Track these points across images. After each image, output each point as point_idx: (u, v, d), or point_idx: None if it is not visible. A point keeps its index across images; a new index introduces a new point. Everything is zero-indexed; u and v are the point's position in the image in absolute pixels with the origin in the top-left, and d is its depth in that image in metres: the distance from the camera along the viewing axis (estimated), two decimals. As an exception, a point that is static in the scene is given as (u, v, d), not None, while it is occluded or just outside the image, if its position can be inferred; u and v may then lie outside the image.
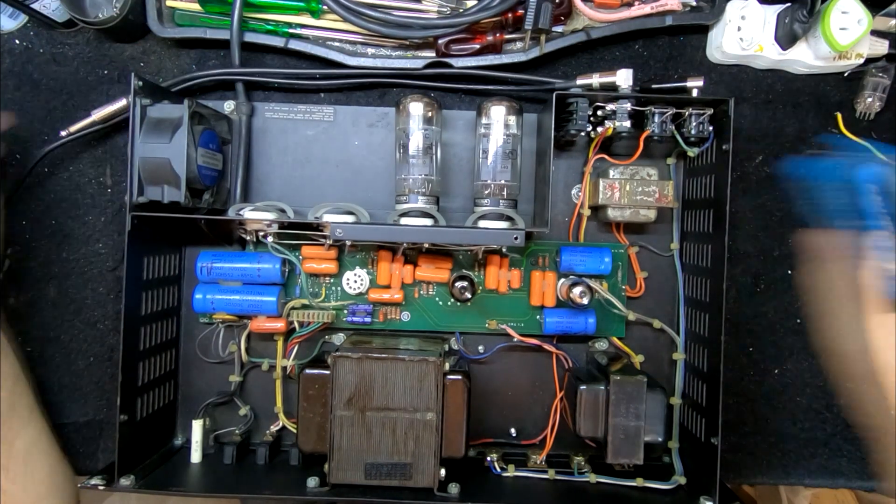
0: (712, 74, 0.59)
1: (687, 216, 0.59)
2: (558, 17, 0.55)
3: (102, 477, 0.49)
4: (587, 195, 0.58)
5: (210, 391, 0.59)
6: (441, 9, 0.54)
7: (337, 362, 0.49)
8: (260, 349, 0.59)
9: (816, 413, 0.59)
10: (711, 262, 0.53)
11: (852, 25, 0.52)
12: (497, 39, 0.55)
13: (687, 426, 0.56)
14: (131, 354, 0.51)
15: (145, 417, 0.53)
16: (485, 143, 0.55)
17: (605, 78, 0.54)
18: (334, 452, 0.49)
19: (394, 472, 0.49)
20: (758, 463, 0.59)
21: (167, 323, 0.57)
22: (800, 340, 0.59)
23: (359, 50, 0.57)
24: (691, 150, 0.54)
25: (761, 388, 0.59)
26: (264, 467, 0.56)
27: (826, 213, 0.52)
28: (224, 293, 0.55)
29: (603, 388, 0.50)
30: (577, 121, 0.52)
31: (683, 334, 0.58)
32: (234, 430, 0.57)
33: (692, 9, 0.57)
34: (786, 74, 0.59)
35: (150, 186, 0.50)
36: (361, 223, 0.54)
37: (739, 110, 0.58)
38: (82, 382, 0.58)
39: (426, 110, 0.54)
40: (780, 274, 0.59)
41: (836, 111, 0.59)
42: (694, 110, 0.53)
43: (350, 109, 0.59)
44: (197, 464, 0.56)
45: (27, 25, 0.58)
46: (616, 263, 0.57)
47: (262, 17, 0.56)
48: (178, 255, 0.58)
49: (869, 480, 0.59)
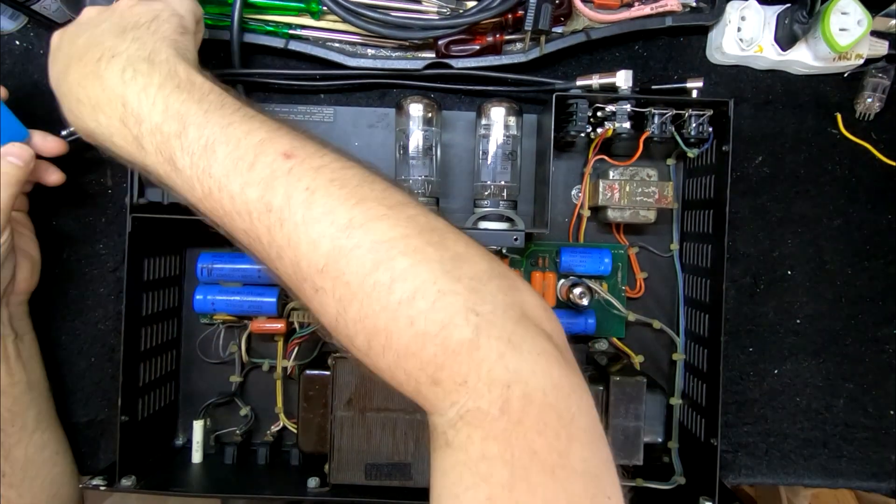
0: (712, 75, 0.59)
1: (687, 217, 0.59)
2: (558, 17, 0.55)
3: (103, 477, 0.50)
4: (587, 196, 0.58)
5: (211, 391, 0.59)
6: (441, 10, 0.54)
7: (337, 363, 0.49)
8: (260, 350, 0.59)
9: (816, 413, 0.59)
10: (711, 263, 0.53)
11: (852, 26, 0.52)
12: (497, 40, 0.55)
13: (687, 426, 0.56)
14: (132, 355, 0.51)
15: (146, 418, 0.53)
16: (484, 143, 0.55)
17: (605, 79, 0.54)
18: (334, 453, 0.49)
19: (394, 473, 0.49)
20: (758, 463, 0.59)
21: (168, 324, 0.57)
22: (800, 340, 0.59)
23: (359, 51, 0.57)
24: (691, 150, 0.54)
25: (761, 388, 0.59)
26: (265, 467, 0.56)
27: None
28: (224, 294, 0.55)
29: (602, 389, 0.50)
30: (576, 122, 0.52)
31: (683, 335, 0.58)
32: (234, 431, 0.57)
33: (692, 9, 0.56)
34: (785, 75, 0.59)
35: (151, 187, 0.50)
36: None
37: (739, 111, 0.58)
38: (83, 383, 0.58)
39: (426, 111, 0.54)
40: (780, 274, 0.59)
41: (836, 112, 0.59)
42: (694, 111, 0.53)
43: (350, 110, 0.59)
44: (198, 464, 0.56)
45: (27, 26, 0.58)
46: (616, 264, 0.57)
47: (261, 18, 0.56)
48: (179, 256, 0.59)
49: (868, 480, 0.59)
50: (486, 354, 0.29)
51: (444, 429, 0.29)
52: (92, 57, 0.37)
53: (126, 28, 0.39)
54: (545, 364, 0.29)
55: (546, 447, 0.28)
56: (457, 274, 0.30)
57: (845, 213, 0.60)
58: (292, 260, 0.31)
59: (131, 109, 0.35)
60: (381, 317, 0.30)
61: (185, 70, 0.37)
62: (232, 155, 0.33)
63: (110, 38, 0.38)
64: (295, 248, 0.31)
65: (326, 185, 0.31)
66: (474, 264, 0.31)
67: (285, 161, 0.32)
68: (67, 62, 0.39)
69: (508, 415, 0.28)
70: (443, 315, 0.29)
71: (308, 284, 0.32)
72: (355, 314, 0.30)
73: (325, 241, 0.30)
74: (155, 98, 0.35)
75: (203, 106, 0.34)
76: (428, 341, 0.29)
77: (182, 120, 0.34)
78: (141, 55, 0.37)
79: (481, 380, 0.28)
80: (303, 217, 0.31)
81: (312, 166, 0.32)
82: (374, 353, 0.31)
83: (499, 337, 0.29)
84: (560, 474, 0.28)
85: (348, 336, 0.31)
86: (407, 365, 0.30)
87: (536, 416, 0.28)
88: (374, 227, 0.30)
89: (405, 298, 0.29)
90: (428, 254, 0.30)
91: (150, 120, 0.35)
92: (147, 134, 0.35)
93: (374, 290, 0.29)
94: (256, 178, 0.32)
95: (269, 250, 0.32)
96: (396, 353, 0.30)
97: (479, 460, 0.28)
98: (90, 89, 0.37)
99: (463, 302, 0.29)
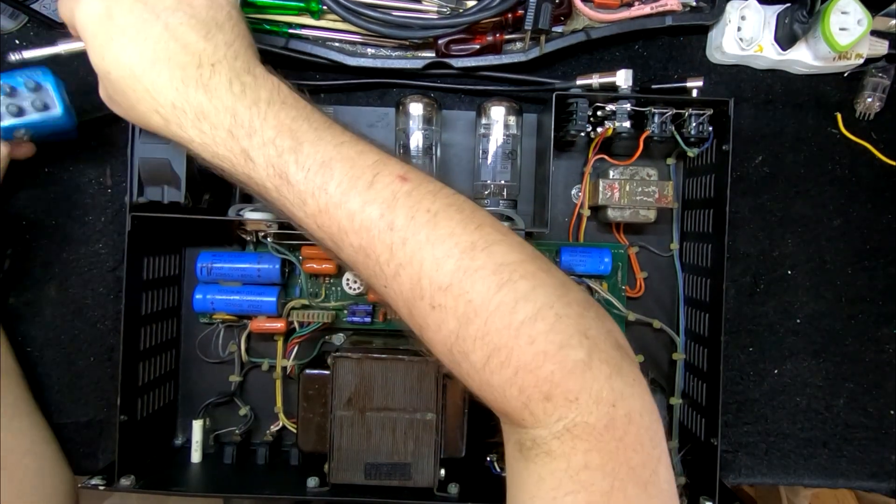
0: (712, 75, 0.59)
1: (687, 216, 0.59)
2: (558, 17, 0.55)
3: (102, 477, 0.49)
4: (587, 195, 0.58)
5: (210, 391, 0.59)
6: (441, 9, 0.54)
7: (337, 362, 0.49)
8: (260, 349, 0.59)
9: (816, 413, 0.59)
10: (711, 262, 0.53)
11: (852, 26, 0.52)
12: (497, 40, 0.55)
13: (687, 426, 0.56)
14: (131, 354, 0.51)
15: (145, 417, 0.53)
16: (484, 143, 0.55)
17: (605, 78, 0.54)
18: (334, 452, 0.49)
19: (394, 473, 0.49)
20: (758, 463, 0.59)
21: (167, 323, 0.57)
22: (800, 340, 0.59)
23: (359, 50, 0.57)
24: (691, 150, 0.54)
25: (761, 388, 0.59)
26: (264, 467, 0.56)
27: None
28: (224, 293, 0.55)
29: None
30: (576, 121, 0.52)
31: (683, 334, 0.58)
32: (234, 430, 0.57)
33: (692, 9, 0.56)
34: (785, 75, 0.59)
35: (150, 187, 0.49)
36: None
37: (739, 110, 0.58)
38: (82, 382, 0.58)
39: (426, 110, 0.54)
40: (780, 274, 0.59)
41: (836, 111, 0.59)
42: (694, 111, 0.53)
43: (350, 109, 0.59)
44: (197, 464, 0.56)
45: (27, 25, 0.58)
46: (616, 264, 0.57)
47: (261, 17, 0.56)
48: (178, 256, 0.59)
49: (868, 480, 0.59)
50: (597, 375, 0.31)
51: (545, 440, 0.32)
52: (189, 62, 0.35)
53: (209, 26, 0.37)
54: (641, 389, 0.32)
55: (641, 464, 0.31)
56: (567, 299, 0.33)
57: (845, 213, 0.59)
58: (412, 277, 0.33)
59: (241, 122, 0.35)
60: (504, 334, 0.31)
61: (286, 86, 0.37)
62: (349, 173, 0.34)
63: (196, 38, 0.36)
64: (418, 266, 0.33)
65: (446, 208, 0.33)
66: (577, 292, 0.34)
67: (402, 183, 0.34)
68: (143, 58, 0.36)
69: (613, 431, 0.31)
70: (561, 336, 0.31)
71: (426, 301, 0.33)
72: (476, 331, 0.32)
73: (449, 261, 0.32)
74: (266, 113, 0.35)
75: (313, 124, 0.35)
76: (547, 360, 0.31)
77: (295, 136, 0.35)
78: (242, 66, 0.36)
79: (591, 397, 0.31)
80: (427, 237, 0.32)
81: (429, 190, 0.34)
82: (491, 368, 0.32)
83: (606, 360, 0.32)
84: (651, 490, 0.31)
85: (464, 352, 0.33)
86: (524, 381, 0.31)
87: (635, 434, 0.31)
88: (495, 250, 0.33)
89: (527, 318, 0.31)
90: (543, 279, 0.33)
91: (262, 134, 0.35)
92: (258, 147, 0.35)
93: (498, 309, 0.31)
94: (377, 197, 0.33)
95: (387, 267, 0.34)
96: (515, 369, 0.31)
97: (580, 469, 0.30)
98: (193, 97, 0.35)
99: (576, 326, 0.32)
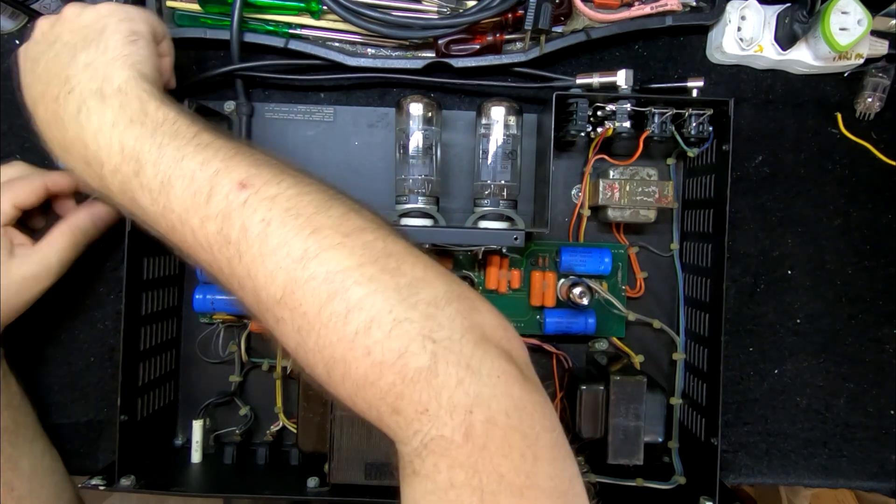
0: (712, 75, 0.59)
1: (687, 216, 0.59)
2: (558, 17, 0.55)
3: (102, 477, 0.49)
4: (587, 195, 0.58)
5: (210, 391, 0.59)
6: (441, 9, 0.54)
7: (337, 362, 0.49)
8: (260, 349, 0.59)
9: (816, 413, 0.59)
10: (711, 262, 0.53)
11: (852, 26, 0.52)
12: (497, 40, 0.55)
13: (687, 426, 0.56)
14: (131, 354, 0.51)
15: (145, 417, 0.53)
16: (485, 143, 0.55)
17: (605, 78, 0.54)
18: (334, 452, 0.49)
19: (394, 472, 0.49)
20: (758, 463, 0.59)
21: (167, 323, 0.57)
22: (800, 340, 0.59)
23: (359, 50, 0.57)
24: (691, 150, 0.54)
25: (761, 388, 0.59)
26: (264, 467, 0.56)
27: None
28: (224, 293, 0.55)
29: (603, 389, 0.50)
30: (577, 121, 0.52)
31: (683, 334, 0.58)
32: (234, 430, 0.57)
33: (692, 9, 0.56)
34: (786, 75, 0.59)
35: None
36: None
37: (739, 110, 0.58)
38: (82, 382, 0.58)
39: (426, 110, 0.54)
40: (780, 274, 0.59)
41: (836, 111, 0.59)
42: (694, 111, 0.53)
43: (350, 110, 0.59)
44: (197, 464, 0.56)
45: (27, 26, 0.58)
46: (616, 264, 0.57)
47: (261, 17, 0.56)
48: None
49: (868, 480, 0.59)
50: (445, 381, 0.29)
51: (410, 458, 0.30)
52: (52, 94, 0.37)
53: (77, 48, 0.38)
54: (505, 386, 0.30)
55: (513, 470, 0.28)
56: (413, 301, 0.30)
57: (845, 213, 0.60)
58: (252, 291, 0.32)
59: (92, 152, 0.35)
60: (339, 347, 0.30)
61: (137, 98, 0.36)
62: (189, 189, 0.33)
63: (64, 64, 0.38)
64: (254, 279, 0.31)
65: (282, 215, 0.31)
66: (432, 288, 0.31)
67: (240, 192, 0.32)
68: (34, 97, 0.39)
69: (473, 441, 0.28)
70: (399, 343, 0.29)
71: (269, 315, 0.32)
72: (313, 345, 0.30)
73: (280, 273, 0.30)
74: (110, 138, 0.35)
75: (157, 139, 0.34)
76: (386, 370, 0.29)
77: (137, 158, 0.34)
78: (92, 87, 0.36)
79: (442, 407, 0.28)
80: (259, 250, 0.31)
81: (268, 196, 0.32)
82: (334, 382, 0.31)
83: (457, 363, 0.29)
84: (529, 494, 0.28)
85: (309, 365, 0.32)
86: (366, 394, 0.30)
87: (501, 439, 0.28)
88: (328, 256, 0.30)
89: (361, 328, 0.29)
90: (383, 282, 0.30)
91: (109, 162, 0.35)
92: (109, 175, 0.35)
93: (331, 320, 0.30)
94: (214, 211, 0.32)
95: (231, 281, 0.33)
96: (355, 382, 0.30)
97: (447, 489, 0.28)
98: (55, 131, 0.37)
99: (419, 329, 0.29)
